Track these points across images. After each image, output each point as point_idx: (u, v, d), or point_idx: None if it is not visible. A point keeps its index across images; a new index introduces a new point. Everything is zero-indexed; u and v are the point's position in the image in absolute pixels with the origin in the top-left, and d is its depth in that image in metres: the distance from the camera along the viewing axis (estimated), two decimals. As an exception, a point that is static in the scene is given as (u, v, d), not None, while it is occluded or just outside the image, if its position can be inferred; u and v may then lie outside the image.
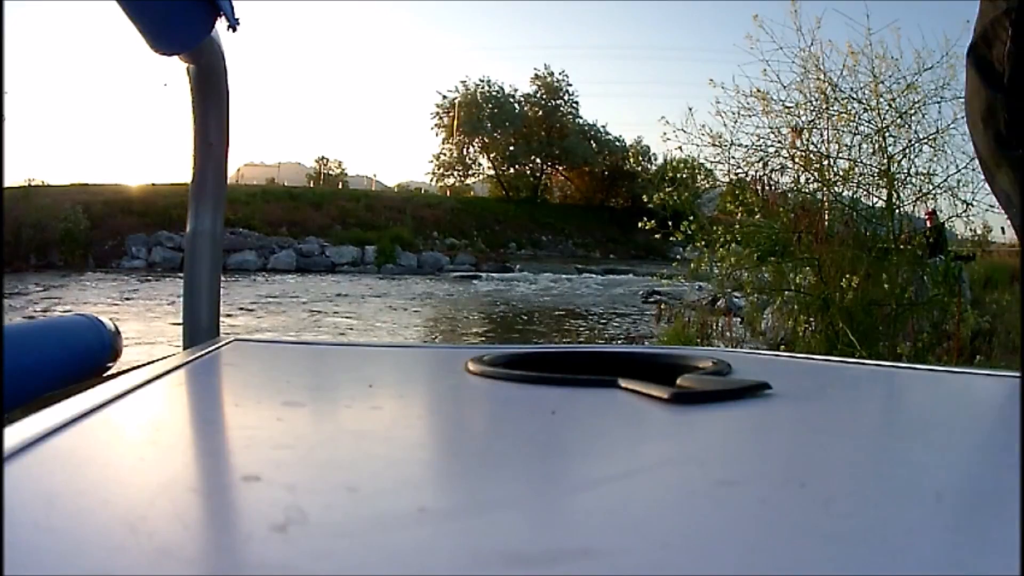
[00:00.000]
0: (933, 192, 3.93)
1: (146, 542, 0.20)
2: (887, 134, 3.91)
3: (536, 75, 28.02)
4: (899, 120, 3.91)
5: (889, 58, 3.91)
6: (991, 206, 3.94)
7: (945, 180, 3.89)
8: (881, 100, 3.94)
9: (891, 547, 0.21)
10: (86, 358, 0.82)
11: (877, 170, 3.94)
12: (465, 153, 28.70)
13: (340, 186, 29.00)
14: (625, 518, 0.24)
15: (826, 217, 4.15)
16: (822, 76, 4.03)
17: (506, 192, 27.32)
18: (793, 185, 4.30)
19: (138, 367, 0.54)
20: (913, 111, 3.90)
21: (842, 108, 4.02)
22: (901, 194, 3.95)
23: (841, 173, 4.07)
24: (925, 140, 3.91)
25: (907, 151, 3.93)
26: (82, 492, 0.25)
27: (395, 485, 0.27)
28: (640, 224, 4.22)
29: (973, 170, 3.82)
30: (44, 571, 0.18)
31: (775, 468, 0.32)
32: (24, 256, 12.94)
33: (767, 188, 4.27)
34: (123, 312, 7.35)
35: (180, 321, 0.92)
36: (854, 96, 3.99)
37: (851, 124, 4.01)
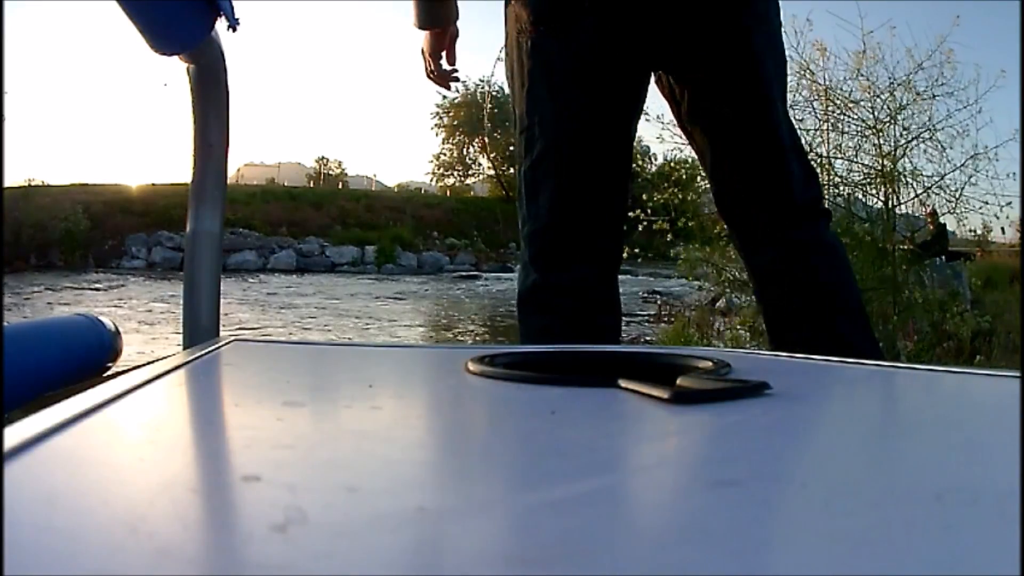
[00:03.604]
0: (928, 189, 3.93)
1: (146, 542, 0.20)
2: (883, 135, 3.91)
3: (536, 75, 27.95)
4: (894, 119, 3.90)
5: (880, 58, 3.91)
6: (985, 203, 3.94)
7: (943, 179, 3.89)
8: (877, 99, 3.94)
9: (891, 547, 0.21)
10: (86, 358, 0.82)
11: (874, 170, 3.94)
12: (465, 153, 28.72)
13: (340, 186, 29.03)
14: (625, 518, 0.24)
15: None
16: (816, 82, 4.03)
17: (506, 192, 27.28)
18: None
19: (138, 367, 0.54)
20: (913, 105, 3.90)
21: (838, 108, 4.02)
22: (900, 194, 3.95)
23: (840, 174, 4.07)
24: (920, 138, 3.90)
25: (905, 149, 3.93)
26: (82, 492, 0.25)
27: (395, 485, 0.27)
28: (640, 223, 4.21)
29: (971, 168, 3.83)
30: (44, 571, 0.18)
31: (775, 468, 0.32)
32: (24, 256, 12.94)
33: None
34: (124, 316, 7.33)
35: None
36: (850, 98, 3.99)
37: (849, 124, 4.01)
